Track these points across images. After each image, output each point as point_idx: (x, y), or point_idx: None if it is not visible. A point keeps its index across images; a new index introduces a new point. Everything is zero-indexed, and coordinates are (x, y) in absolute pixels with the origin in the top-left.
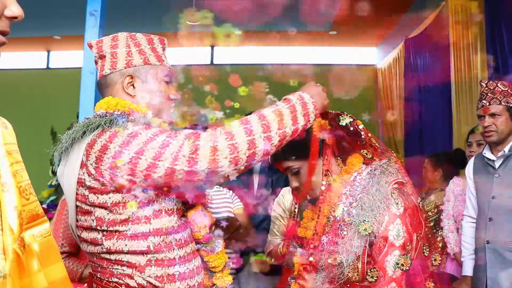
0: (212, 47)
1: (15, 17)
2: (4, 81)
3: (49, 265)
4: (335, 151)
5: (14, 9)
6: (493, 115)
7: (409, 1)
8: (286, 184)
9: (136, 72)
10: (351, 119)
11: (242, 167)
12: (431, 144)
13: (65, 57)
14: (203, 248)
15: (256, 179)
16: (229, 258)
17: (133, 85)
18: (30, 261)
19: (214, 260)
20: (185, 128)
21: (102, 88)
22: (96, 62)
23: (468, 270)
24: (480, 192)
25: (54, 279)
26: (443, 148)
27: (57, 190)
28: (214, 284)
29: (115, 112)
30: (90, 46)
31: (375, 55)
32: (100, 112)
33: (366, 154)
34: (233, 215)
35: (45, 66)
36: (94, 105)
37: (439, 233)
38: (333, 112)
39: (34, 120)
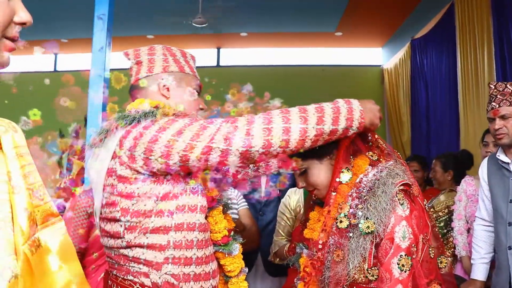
0: (219, 49)
1: (24, 23)
2: (12, 84)
3: (68, 263)
4: (350, 151)
5: (23, 15)
6: (503, 117)
7: (415, 1)
8: (293, 185)
9: (172, 77)
10: None
11: (274, 152)
12: (438, 145)
13: (72, 60)
14: (221, 250)
15: (263, 178)
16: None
17: (168, 88)
18: (44, 260)
19: (230, 263)
20: None
21: (136, 90)
22: (131, 68)
23: (477, 274)
24: (496, 196)
25: (74, 276)
26: (450, 149)
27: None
28: None
29: (149, 107)
30: (127, 54)
31: (381, 56)
32: (134, 109)
33: (372, 156)
34: (237, 217)
35: (52, 69)
36: (102, 108)
37: (450, 234)
38: None
39: (42, 123)
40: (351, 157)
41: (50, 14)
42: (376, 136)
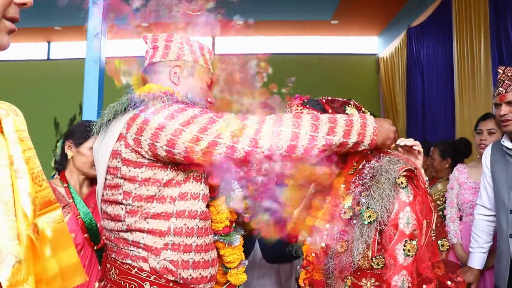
0: (214, 37)
1: (24, 4)
2: (4, 73)
3: (62, 251)
4: None
5: None
6: (509, 103)
7: None
8: None
9: (185, 65)
10: (357, 111)
11: (280, 156)
12: (433, 133)
13: (66, 48)
14: (221, 240)
15: None
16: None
17: (178, 76)
18: (43, 247)
19: (230, 254)
20: None
21: (148, 74)
22: (146, 52)
23: (474, 262)
24: (499, 183)
25: (67, 265)
26: (446, 137)
27: None
28: (228, 281)
29: (158, 92)
30: (145, 38)
31: (377, 45)
32: (143, 93)
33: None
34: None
35: (45, 57)
36: (98, 95)
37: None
38: (340, 99)
39: (36, 112)
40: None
41: (43, 1)
42: None
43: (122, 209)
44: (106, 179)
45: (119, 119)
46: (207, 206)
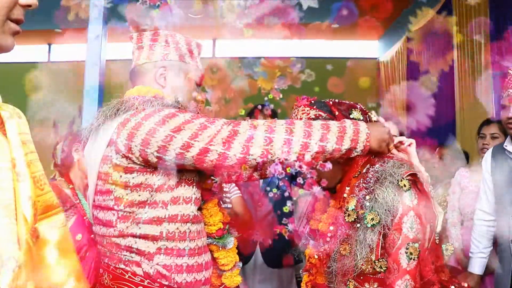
0: (214, 40)
1: (29, 5)
2: (5, 75)
3: (66, 257)
4: None
5: None
6: None
7: None
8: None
9: (170, 66)
10: (362, 116)
11: (272, 163)
12: (434, 136)
13: (66, 50)
14: (215, 243)
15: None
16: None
17: (164, 77)
18: (42, 252)
19: (224, 257)
20: None
21: (134, 76)
22: (133, 53)
23: (475, 267)
24: (500, 187)
25: (72, 269)
26: (446, 140)
27: None
28: (222, 284)
29: (148, 96)
30: (131, 38)
31: (377, 49)
32: (133, 97)
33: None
34: (230, 206)
35: (46, 60)
36: (99, 97)
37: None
38: (347, 102)
39: (36, 114)
40: None
41: (43, 3)
42: None
43: (114, 214)
44: (97, 184)
45: (109, 124)
46: (200, 209)
